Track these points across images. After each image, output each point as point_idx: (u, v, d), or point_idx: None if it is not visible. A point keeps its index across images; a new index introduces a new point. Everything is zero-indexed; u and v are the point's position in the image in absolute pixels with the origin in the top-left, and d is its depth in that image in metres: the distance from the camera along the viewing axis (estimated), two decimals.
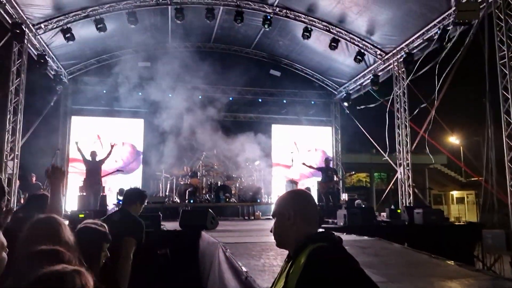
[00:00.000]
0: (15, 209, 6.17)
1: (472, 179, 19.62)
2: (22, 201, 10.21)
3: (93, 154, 10.63)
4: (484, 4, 8.66)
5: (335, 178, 11.55)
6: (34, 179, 11.40)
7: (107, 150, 10.66)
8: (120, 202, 10.70)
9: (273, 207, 1.88)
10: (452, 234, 8.10)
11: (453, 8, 9.26)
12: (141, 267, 3.72)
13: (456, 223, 9.50)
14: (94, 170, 10.27)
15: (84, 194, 10.10)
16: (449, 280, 3.55)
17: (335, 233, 1.75)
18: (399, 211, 8.93)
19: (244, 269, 3.52)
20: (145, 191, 4.23)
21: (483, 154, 9.17)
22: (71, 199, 11.87)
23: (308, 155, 14.78)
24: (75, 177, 12.84)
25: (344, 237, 6.07)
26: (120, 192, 10.94)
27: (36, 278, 1.20)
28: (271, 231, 1.82)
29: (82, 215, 6.76)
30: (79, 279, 1.21)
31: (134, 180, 13.62)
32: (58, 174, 2.62)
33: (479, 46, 8.90)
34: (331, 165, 12.20)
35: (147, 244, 4.07)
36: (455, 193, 23.76)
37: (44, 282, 1.18)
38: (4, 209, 2.56)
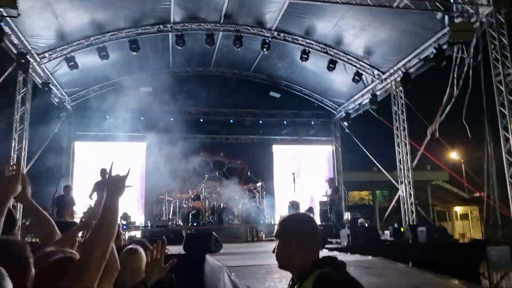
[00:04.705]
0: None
1: (475, 194, 19.60)
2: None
3: (104, 172, 10.30)
4: (478, 23, 8.87)
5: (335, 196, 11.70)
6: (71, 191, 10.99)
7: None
8: (125, 227, 10.75)
9: (276, 227, 1.95)
10: (457, 251, 8.09)
11: (447, 29, 9.47)
12: None
13: (460, 241, 9.48)
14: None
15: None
16: None
17: (338, 258, 1.82)
18: (402, 229, 8.94)
19: None
20: None
21: (484, 170, 9.22)
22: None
23: (309, 183, 14.75)
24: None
25: (348, 257, 6.11)
26: (124, 216, 10.97)
27: None
28: (273, 252, 1.89)
29: None
30: None
31: (137, 204, 13.66)
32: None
33: (477, 64, 9.09)
34: (332, 184, 12.35)
35: None
36: (459, 209, 23.63)
37: None
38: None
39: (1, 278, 1.34)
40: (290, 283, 1.85)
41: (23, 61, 9.98)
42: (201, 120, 15.30)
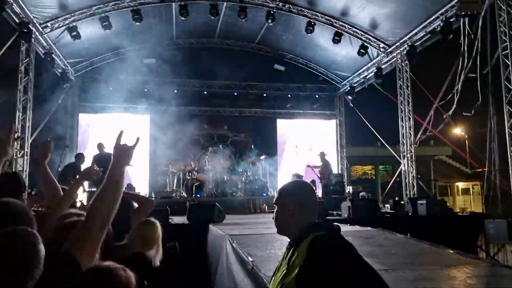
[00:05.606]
0: None
1: (477, 170, 19.64)
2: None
3: (101, 146, 10.31)
4: None
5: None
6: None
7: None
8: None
9: (275, 195, 2.01)
10: (456, 224, 8.20)
11: (455, 0, 9.28)
12: None
13: (460, 214, 9.59)
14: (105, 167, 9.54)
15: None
16: (449, 268, 3.68)
17: (334, 222, 1.88)
18: (402, 202, 9.03)
19: (250, 259, 3.67)
20: None
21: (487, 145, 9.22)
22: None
23: (310, 155, 14.89)
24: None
25: (347, 227, 6.23)
26: (128, 187, 11.12)
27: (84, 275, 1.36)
28: (273, 218, 1.96)
29: None
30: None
31: (142, 176, 13.81)
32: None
33: (483, 37, 8.94)
34: (323, 157, 12.55)
35: None
36: (461, 184, 23.74)
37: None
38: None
39: (38, 241, 1.41)
40: (288, 246, 1.92)
41: (25, 30, 9.90)
42: (205, 92, 15.27)
